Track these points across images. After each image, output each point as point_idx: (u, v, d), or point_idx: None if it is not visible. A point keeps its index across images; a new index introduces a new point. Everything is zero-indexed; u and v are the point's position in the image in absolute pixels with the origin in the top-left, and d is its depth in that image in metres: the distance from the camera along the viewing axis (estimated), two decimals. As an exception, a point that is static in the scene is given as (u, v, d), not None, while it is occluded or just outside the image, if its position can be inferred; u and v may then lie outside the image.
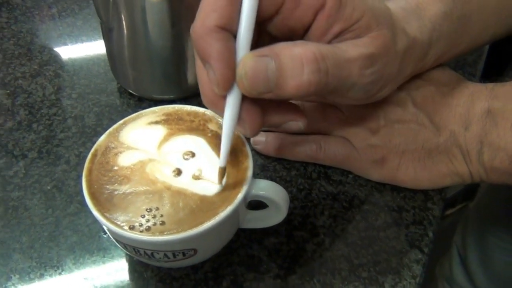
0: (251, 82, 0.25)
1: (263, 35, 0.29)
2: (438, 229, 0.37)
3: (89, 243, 0.35)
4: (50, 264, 0.34)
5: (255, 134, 0.28)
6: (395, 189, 0.38)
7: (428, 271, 0.35)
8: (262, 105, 0.28)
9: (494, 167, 0.34)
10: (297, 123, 0.30)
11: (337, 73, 0.27)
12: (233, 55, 0.25)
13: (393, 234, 0.36)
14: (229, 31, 0.25)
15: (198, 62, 0.27)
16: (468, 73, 0.50)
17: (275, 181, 0.39)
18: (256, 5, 0.26)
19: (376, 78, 0.30)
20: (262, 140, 0.40)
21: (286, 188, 0.38)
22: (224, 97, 0.27)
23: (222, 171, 0.29)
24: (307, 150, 0.39)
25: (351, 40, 0.29)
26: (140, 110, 0.44)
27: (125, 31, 0.41)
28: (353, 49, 0.28)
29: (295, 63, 0.26)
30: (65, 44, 0.53)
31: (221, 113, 0.27)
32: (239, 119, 0.27)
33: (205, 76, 0.27)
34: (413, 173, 0.37)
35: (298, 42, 0.27)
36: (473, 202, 0.68)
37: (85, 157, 0.31)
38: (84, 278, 0.33)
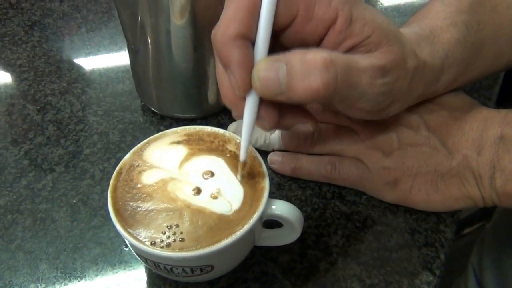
0: (263, 84, 0.27)
1: (277, 47, 0.31)
2: (452, 250, 0.37)
3: (111, 256, 0.36)
4: (74, 275, 0.35)
5: (272, 128, 0.31)
6: (408, 210, 0.39)
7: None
8: (278, 107, 0.30)
9: (506, 192, 0.34)
10: (306, 125, 0.32)
11: (347, 79, 0.28)
12: (251, 61, 0.28)
13: (405, 255, 0.37)
14: (248, 39, 0.28)
15: (219, 67, 0.30)
16: (483, 96, 0.50)
17: (290, 200, 0.40)
18: (273, 16, 0.28)
19: (386, 90, 0.31)
20: (278, 159, 0.42)
21: (300, 207, 0.39)
22: (243, 99, 0.29)
23: (242, 165, 0.32)
24: (321, 170, 0.40)
25: (363, 53, 0.30)
26: (162, 128, 0.46)
27: (150, 53, 0.43)
28: (364, 59, 0.30)
29: (304, 67, 0.27)
30: (92, 62, 0.56)
31: (241, 113, 0.30)
32: (258, 116, 0.29)
33: (225, 80, 0.29)
34: (425, 196, 0.37)
35: (311, 49, 0.28)
36: (489, 223, 0.68)
37: (109, 172, 0.33)
38: (106, 289, 0.35)
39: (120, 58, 0.56)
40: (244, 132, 0.30)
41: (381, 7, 0.66)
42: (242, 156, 0.31)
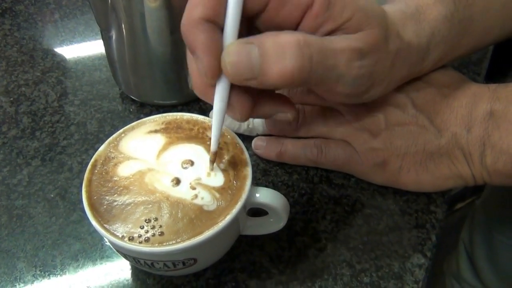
0: (235, 68, 0.26)
1: (252, 31, 0.29)
2: (444, 226, 0.37)
3: (92, 251, 0.35)
4: (54, 272, 0.34)
5: (245, 119, 0.29)
6: (398, 192, 0.38)
7: (436, 268, 0.35)
8: (252, 96, 0.29)
9: (497, 170, 0.33)
10: (286, 114, 0.30)
11: (322, 60, 0.27)
12: (219, 46, 0.26)
13: (396, 238, 0.36)
14: (215, 23, 0.26)
15: (189, 54, 0.28)
16: (473, 71, 0.49)
17: (277, 186, 0.39)
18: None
19: (365, 72, 0.30)
20: (263, 144, 0.40)
21: (287, 193, 0.38)
22: (213, 86, 0.27)
23: (214, 156, 0.30)
24: (307, 154, 0.39)
25: (341, 35, 0.29)
26: (142, 116, 0.45)
27: (125, 38, 0.41)
28: (341, 41, 0.28)
29: (278, 48, 0.26)
30: (67, 50, 0.53)
31: (211, 101, 0.28)
32: (229, 105, 0.28)
33: (195, 67, 0.27)
34: (415, 176, 0.36)
35: (285, 31, 0.27)
36: (479, 199, 0.67)
37: (88, 164, 0.31)
38: (87, 286, 0.33)
39: (96, 45, 0.54)
40: (214, 121, 0.28)
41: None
42: (213, 146, 0.30)
